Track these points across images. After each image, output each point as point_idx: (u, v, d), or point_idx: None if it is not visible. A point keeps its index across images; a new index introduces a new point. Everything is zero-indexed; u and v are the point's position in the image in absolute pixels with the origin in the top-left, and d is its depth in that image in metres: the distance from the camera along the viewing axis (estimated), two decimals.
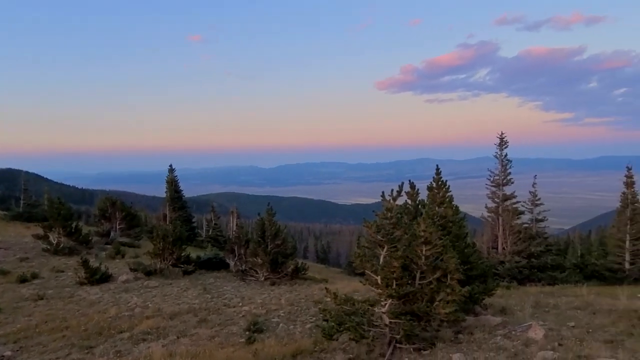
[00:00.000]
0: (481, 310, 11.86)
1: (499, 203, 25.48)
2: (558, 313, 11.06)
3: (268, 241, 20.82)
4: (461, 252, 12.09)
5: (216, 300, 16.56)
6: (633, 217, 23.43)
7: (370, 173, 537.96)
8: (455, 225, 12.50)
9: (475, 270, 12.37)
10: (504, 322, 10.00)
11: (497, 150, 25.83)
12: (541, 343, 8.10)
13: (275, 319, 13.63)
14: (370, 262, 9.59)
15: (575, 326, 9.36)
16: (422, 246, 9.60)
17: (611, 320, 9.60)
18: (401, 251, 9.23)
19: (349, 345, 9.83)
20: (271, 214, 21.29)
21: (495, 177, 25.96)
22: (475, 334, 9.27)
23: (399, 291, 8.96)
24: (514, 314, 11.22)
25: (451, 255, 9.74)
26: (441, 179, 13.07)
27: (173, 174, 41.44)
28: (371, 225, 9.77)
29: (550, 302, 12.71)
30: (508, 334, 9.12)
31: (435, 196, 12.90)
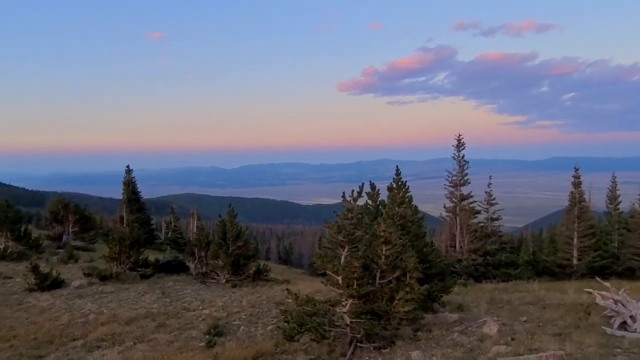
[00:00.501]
0: (439, 308, 12.16)
1: (456, 203, 26.21)
2: (511, 308, 11.49)
3: (229, 243, 20.54)
4: (420, 251, 12.36)
5: (175, 304, 16.19)
6: (580, 215, 24.66)
7: (333, 173, 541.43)
8: (415, 224, 12.78)
9: (433, 268, 12.67)
10: (461, 319, 10.29)
11: (455, 151, 26.58)
12: (495, 338, 8.40)
13: (236, 321, 13.48)
14: (331, 262, 9.65)
15: (527, 321, 9.75)
16: (382, 246, 9.75)
17: (560, 314, 10.06)
18: (362, 251, 9.34)
19: (310, 346, 9.85)
20: (232, 215, 21.03)
21: (453, 177, 26.69)
22: (434, 331, 9.49)
23: (359, 291, 9.05)
24: (471, 310, 11.57)
25: (410, 254, 9.94)
26: (401, 180, 13.31)
27: (130, 174, 40.21)
28: (332, 226, 9.84)
29: (504, 298, 13.19)
30: (464, 330, 9.40)
31: (395, 196, 13.13)
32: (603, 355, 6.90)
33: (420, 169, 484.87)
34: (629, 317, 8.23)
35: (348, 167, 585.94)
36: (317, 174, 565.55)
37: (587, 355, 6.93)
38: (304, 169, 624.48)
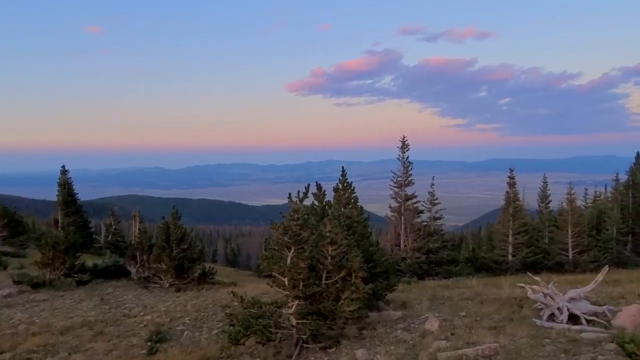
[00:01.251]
0: (384, 306, 12.43)
1: (401, 203, 26.92)
2: (452, 304, 11.94)
3: (173, 246, 19.96)
4: (365, 251, 12.57)
5: (115, 310, 15.49)
6: (515, 213, 26.10)
7: (281, 174, 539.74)
8: (360, 225, 12.98)
9: (378, 267, 12.93)
10: (404, 316, 10.57)
11: (400, 153, 27.29)
12: (436, 334, 8.69)
13: (180, 326, 13.10)
14: (277, 263, 9.61)
15: (466, 316, 10.17)
16: (328, 246, 9.83)
17: (496, 308, 10.58)
18: (308, 252, 9.37)
19: (256, 348, 9.75)
20: (176, 217, 20.44)
21: (397, 178, 27.40)
22: (378, 329, 9.68)
23: (305, 292, 9.08)
24: (413, 307, 11.91)
25: (356, 254, 10.09)
26: (347, 181, 13.49)
27: (66, 175, 38.11)
28: (278, 227, 9.81)
29: (445, 295, 13.67)
30: (407, 327, 9.66)
31: (341, 197, 13.28)
32: (533, 345, 7.33)
33: (367, 169, 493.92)
34: (556, 309, 8.79)
35: (297, 168, 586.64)
36: (266, 174, 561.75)
37: (519, 346, 7.33)
38: (252, 169, 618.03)
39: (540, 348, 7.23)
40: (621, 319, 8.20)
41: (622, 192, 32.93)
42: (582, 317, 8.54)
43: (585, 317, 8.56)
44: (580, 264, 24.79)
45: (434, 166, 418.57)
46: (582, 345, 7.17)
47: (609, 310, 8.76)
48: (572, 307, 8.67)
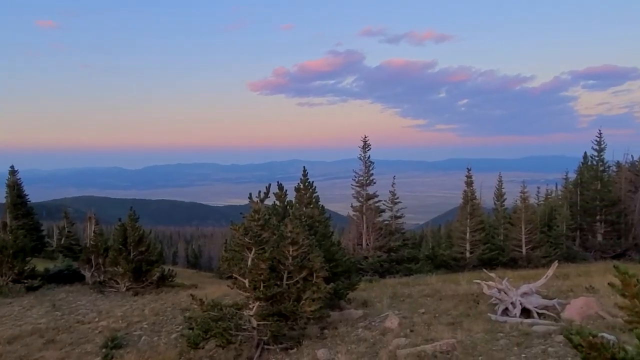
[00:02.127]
0: (346, 305, 12.51)
1: (363, 202, 27.18)
2: (412, 301, 12.16)
3: (131, 248, 19.36)
4: (327, 251, 12.62)
5: (68, 317, 14.88)
6: (472, 211, 26.88)
7: (244, 174, 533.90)
8: (322, 224, 13.01)
9: (340, 267, 13.00)
10: (365, 315, 10.68)
11: (361, 152, 27.56)
12: (396, 331, 8.83)
13: (137, 331, 12.73)
14: (238, 265, 9.49)
15: (425, 312, 10.39)
16: (290, 247, 9.80)
17: (453, 304, 10.85)
18: (269, 252, 9.30)
19: (216, 352, 9.60)
20: (134, 218, 19.84)
21: (359, 178, 27.64)
22: (340, 328, 9.74)
23: (266, 293, 9.01)
24: (375, 305, 12.04)
25: (317, 254, 10.10)
26: (308, 180, 13.49)
27: (15, 176, 36.24)
28: (239, 228, 9.68)
29: (406, 292, 13.91)
30: (368, 325, 9.76)
31: (302, 197, 13.27)
32: (488, 340, 7.56)
33: (330, 169, 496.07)
34: (510, 303, 9.11)
35: (259, 168, 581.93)
36: (228, 174, 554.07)
37: (475, 341, 7.55)
38: (214, 169, 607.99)
39: (495, 342, 7.47)
40: (569, 311, 8.59)
41: (571, 190, 34.52)
42: (533, 310, 8.89)
43: (537, 310, 8.92)
44: (533, 260, 25.82)
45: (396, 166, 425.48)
46: (533, 338, 7.46)
47: (558, 304, 9.16)
48: (525, 302, 9.01)
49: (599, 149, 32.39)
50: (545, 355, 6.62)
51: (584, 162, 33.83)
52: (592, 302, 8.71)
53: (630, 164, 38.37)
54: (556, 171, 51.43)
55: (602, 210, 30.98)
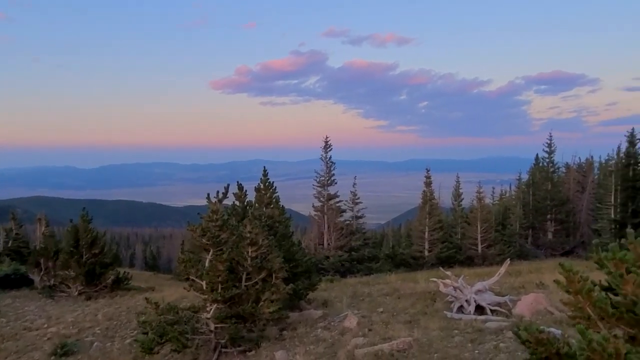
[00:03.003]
0: (306, 305, 12.49)
1: (324, 202, 27.28)
2: (371, 300, 12.27)
3: (83, 251, 18.58)
4: (287, 251, 12.55)
5: (14, 324, 14.11)
6: (431, 211, 27.48)
7: (205, 174, 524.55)
8: (282, 225, 12.94)
9: (300, 267, 12.96)
10: (325, 315, 10.68)
11: (323, 152, 27.66)
12: (355, 330, 8.88)
13: (89, 337, 12.23)
14: (195, 267, 9.30)
15: (384, 311, 10.50)
16: (249, 247, 9.68)
17: (411, 303, 11.04)
18: (227, 254, 9.16)
19: (172, 357, 9.35)
20: (86, 219, 19.06)
21: (321, 178, 27.73)
22: (299, 329, 9.70)
23: (224, 295, 8.86)
24: (334, 305, 12.08)
25: (276, 254, 10.03)
26: (268, 180, 13.38)
27: None
28: (196, 229, 9.48)
29: (366, 291, 14.03)
30: (327, 325, 9.77)
31: (262, 197, 13.15)
32: (444, 337, 7.72)
33: (293, 169, 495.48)
34: (464, 301, 9.36)
35: (221, 167, 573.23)
36: (189, 174, 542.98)
37: (431, 339, 7.69)
38: (174, 169, 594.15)
39: (450, 339, 7.63)
40: (520, 307, 8.91)
41: (524, 190, 35.97)
42: (487, 307, 9.16)
43: (490, 307, 9.19)
44: (488, 257, 26.67)
45: (358, 166, 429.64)
46: (486, 334, 7.68)
47: (510, 300, 9.48)
48: (479, 299, 9.27)
49: (549, 151, 33.89)
50: (497, 350, 6.82)
51: (536, 163, 35.32)
52: (541, 298, 9.06)
53: (577, 166, 40.39)
54: (511, 172, 53.36)
55: (552, 210, 32.41)
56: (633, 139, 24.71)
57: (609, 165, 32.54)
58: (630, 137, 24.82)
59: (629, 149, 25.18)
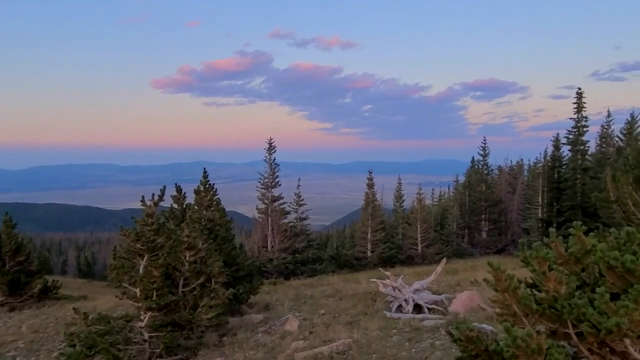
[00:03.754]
0: (247, 309, 12.26)
1: (268, 204, 27.04)
2: (313, 302, 12.25)
3: (6, 258, 17.24)
4: (228, 255, 12.29)
5: None
6: (373, 212, 28.02)
7: (146, 176, 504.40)
8: (223, 227, 12.65)
9: (241, 271, 12.74)
10: (266, 318, 10.54)
11: (267, 154, 27.42)
12: (295, 334, 8.80)
13: (11, 352, 11.31)
14: (128, 273, 8.84)
15: (325, 313, 10.51)
16: (186, 252, 9.35)
17: (352, 304, 11.12)
18: (162, 259, 8.78)
19: None
20: (10, 224, 17.68)
21: (265, 180, 27.47)
22: (239, 334, 9.48)
23: (159, 302, 8.48)
24: (276, 308, 11.95)
25: (216, 258, 9.76)
26: (208, 182, 13.05)
27: None
28: (129, 233, 9.03)
29: (308, 293, 14.01)
30: (268, 329, 9.63)
31: (202, 199, 12.79)
32: (382, 337, 7.83)
33: (239, 171, 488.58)
34: (403, 300, 9.55)
35: (163, 169, 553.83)
36: (128, 175, 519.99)
37: (370, 339, 7.76)
38: (111, 170, 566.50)
39: (389, 339, 7.75)
40: (455, 305, 9.22)
41: (461, 191, 37.59)
42: (424, 306, 9.41)
43: (427, 306, 9.45)
44: (428, 257, 27.58)
45: (303, 168, 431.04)
46: (423, 332, 7.86)
47: (446, 298, 9.79)
48: (416, 298, 9.50)
49: (484, 154, 35.64)
50: (432, 348, 6.99)
51: (472, 166, 37.04)
52: (475, 295, 9.43)
53: (509, 168, 42.81)
54: (449, 174, 55.56)
55: (486, 210, 34.08)
56: (558, 144, 26.47)
57: (537, 167, 34.69)
58: (556, 141, 26.57)
59: (554, 153, 26.96)
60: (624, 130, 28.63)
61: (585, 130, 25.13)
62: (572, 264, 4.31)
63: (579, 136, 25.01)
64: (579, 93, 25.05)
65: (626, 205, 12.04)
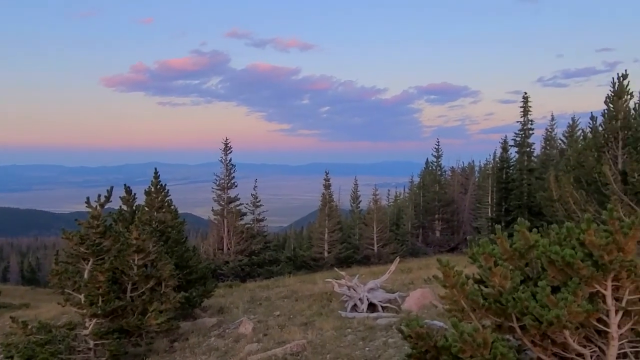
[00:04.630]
0: (201, 313, 11.97)
1: (224, 206, 26.59)
2: (268, 304, 12.12)
3: None
4: (180, 257, 11.96)
5: None
6: (330, 213, 28.14)
7: (95, 177, 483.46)
8: (175, 229, 12.29)
9: (195, 273, 12.42)
10: (220, 322, 10.31)
11: (222, 155, 26.97)
12: (250, 336, 8.65)
13: None
14: (72, 279, 8.40)
15: (280, 315, 10.40)
16: (135, 255, 9.01)
17: (308, 304, 11.08)
18: (109, 263, 8.40)
19: None
20: None
21: (220, 181, 27.01)
22: (191, 339, 9.22)
23: (105, 308, 8.10)
24: (231, 311, 11.73)
25: (166, 261, 9.46)
26: (160, 183, 12.65)
27: None
28: (73, 236, 8.57)
29: (264, 295, 13.85)
30: (222, 333, 9.42)
31: (153, 201, 12.37)
32: (337, 337, 7.82)
33: (194, 172, 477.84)
34: (358, 299, 9.60)
35: (114, 170, 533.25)
36: (75, 177, 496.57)
37: (324, 339, 7.74)
38: (58, 171, 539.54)
39: (343, 338, 7.75)
40: (408, 302, 9.37)
41: (416, 192, 38.44)
42: (378, 305, 9.49)
43: (381, 304, 9.54)
44: (384, 256, 27.97)
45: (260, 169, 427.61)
46: (377, 331, 7.92)
47: (399, 296, 9.92)
48: (371, 297, 9.57)
49: (437, 156, 36.62)
50: (386, 346, 7.05)
51: (426, 167, 37.99)
52: (427, 292, 9.61)
53: (461, 169, 44.23)
54: (405, 175, 56.71)
55: (439, 210, 35.02)
56: (506, 146, 27.59)
57: (487, 169, 36.03)
58: (504, 144, 27.69)
59: (502, 155, 28.10)
60: (566, 133, 30.24)
61: (531, 133, 26.32)
62: (517, 259, 4.45)
63: (525, 139, 26.16)
64: (525, 98, 26.22)
65: (567, 203, 12.68)
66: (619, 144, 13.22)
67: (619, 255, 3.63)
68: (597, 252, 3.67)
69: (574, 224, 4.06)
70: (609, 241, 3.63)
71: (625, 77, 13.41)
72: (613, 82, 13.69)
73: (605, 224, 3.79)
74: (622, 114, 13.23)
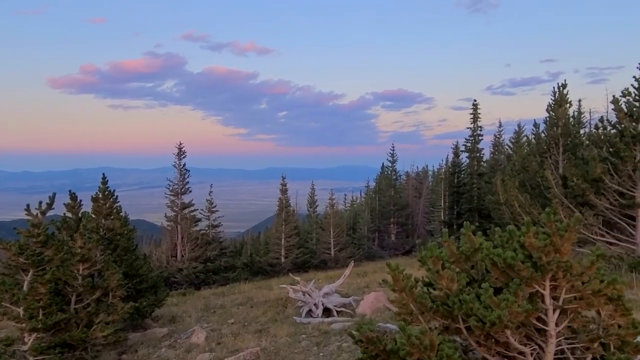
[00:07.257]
0: (152, 323, 11.58)
1: (177, 211, 25.89)
2: (223, 312, 11.90)
3: None
4: (130, 266, 11.55)
5: None
6: (287, 218, 28.02)
7: (40, 183, 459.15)
8: (124, 237, 11.83)
9: (145, 282, 12.02)
10: (171, 332, 10.01)
11: (176, 159, 26.30)
12: (202, 346, 8.45)
13: None
14: (10, 291, 7.91)
15: (235, 322, 10.23)
16: (79, 265, 8.60)
17: (263, 311, 10.96)
18: (50, 274, 7.97)
19: None
20: None
21: (174, 186, 26.30)
22: (140, 351, 8.90)
23: (46, 321, 7.68)
24: (183, 320, 11.43)
25: (113, 271, 9.08)
26: (108, 188, 12.14)
27: None
28: (11, 246, 8.09)
29: (219, 303, 13.60)
30: (173, 343, 9.15)
31: (101, 207, 11.86)
32: (291, 343, 7.77)
33: (147, 177, 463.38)
34: (313, 304, 9.60)
35: (61, 175, 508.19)
36: (17, 183, 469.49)
37: (278, 346, 7.67)
38: None
39: (297, 344, 7.71)
40: (362, 306, 9.45)
41: (372, 196, 39.01)
42: (333, 309, 9.52)
43: (336, 309, 9.58)
44: (340, 260, 28.14)
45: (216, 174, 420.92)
46: (331, 335, 7.94)
47: (354, 300, 10.00)
48: (326, 302, 9.59)
49: (392, 161, 37.34)
50: (340, 351, 7.07)
51: (382, 172, 38.60)
52: (381, 295, 9.73)
53: (415, 174, 45.28)
54: (361, 179, 57.42)
55: (395, 214, 35.67)
56: (457, 151, 28.52)
57: (440, 173, 37.06)
58: (455, 149, 28.61)
59: (454, 159, 29.02)
60: (513, 139, 31.61)
61: (480, 139, 27.34)
62: (463, 261, 4.58)
63: (475, 144, 27.14)
64: (474, 105, 27.22)
65: (513, 206, 13.21)
66: (559, 150, 13.94)
67: (556, 257, 3.81)
68: (536, 254, 3.84)
69: (515, 226, 4.23)
70: (547, 243, 3.80)
71: (564, 87, 14.16)
72: (554, 91, 14.43)
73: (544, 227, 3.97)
74: (562, 121, 13.95)
